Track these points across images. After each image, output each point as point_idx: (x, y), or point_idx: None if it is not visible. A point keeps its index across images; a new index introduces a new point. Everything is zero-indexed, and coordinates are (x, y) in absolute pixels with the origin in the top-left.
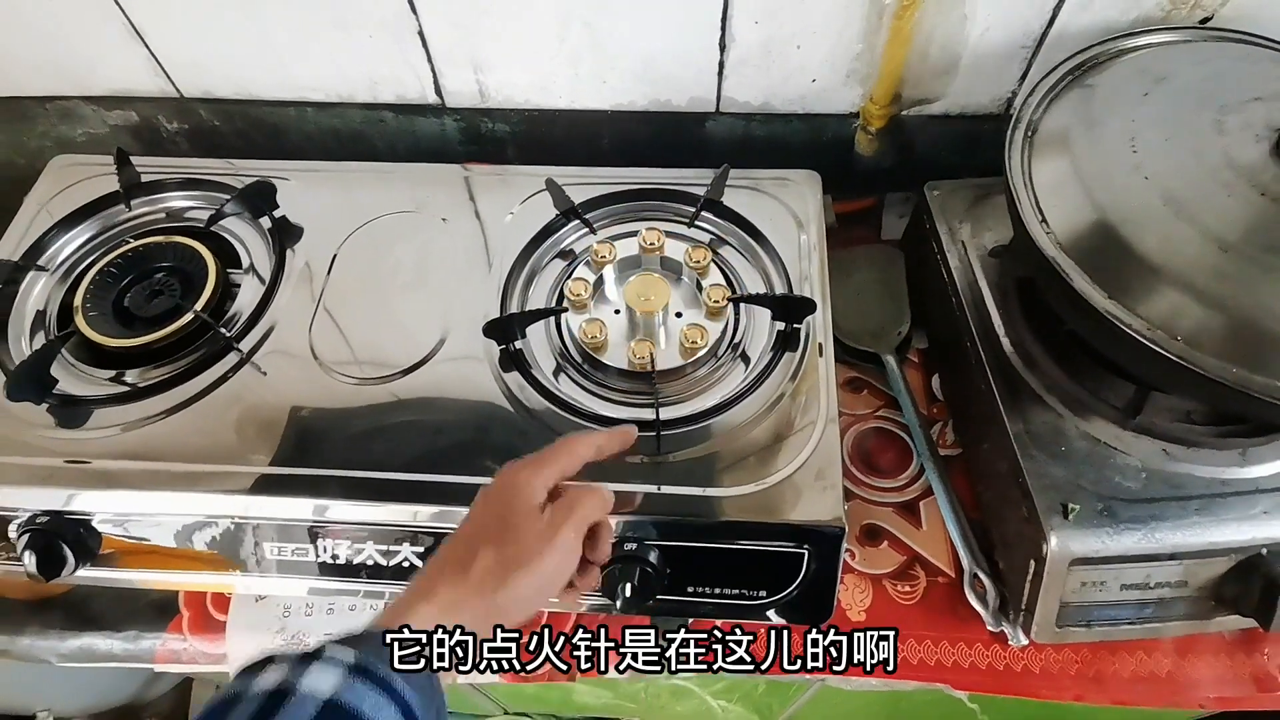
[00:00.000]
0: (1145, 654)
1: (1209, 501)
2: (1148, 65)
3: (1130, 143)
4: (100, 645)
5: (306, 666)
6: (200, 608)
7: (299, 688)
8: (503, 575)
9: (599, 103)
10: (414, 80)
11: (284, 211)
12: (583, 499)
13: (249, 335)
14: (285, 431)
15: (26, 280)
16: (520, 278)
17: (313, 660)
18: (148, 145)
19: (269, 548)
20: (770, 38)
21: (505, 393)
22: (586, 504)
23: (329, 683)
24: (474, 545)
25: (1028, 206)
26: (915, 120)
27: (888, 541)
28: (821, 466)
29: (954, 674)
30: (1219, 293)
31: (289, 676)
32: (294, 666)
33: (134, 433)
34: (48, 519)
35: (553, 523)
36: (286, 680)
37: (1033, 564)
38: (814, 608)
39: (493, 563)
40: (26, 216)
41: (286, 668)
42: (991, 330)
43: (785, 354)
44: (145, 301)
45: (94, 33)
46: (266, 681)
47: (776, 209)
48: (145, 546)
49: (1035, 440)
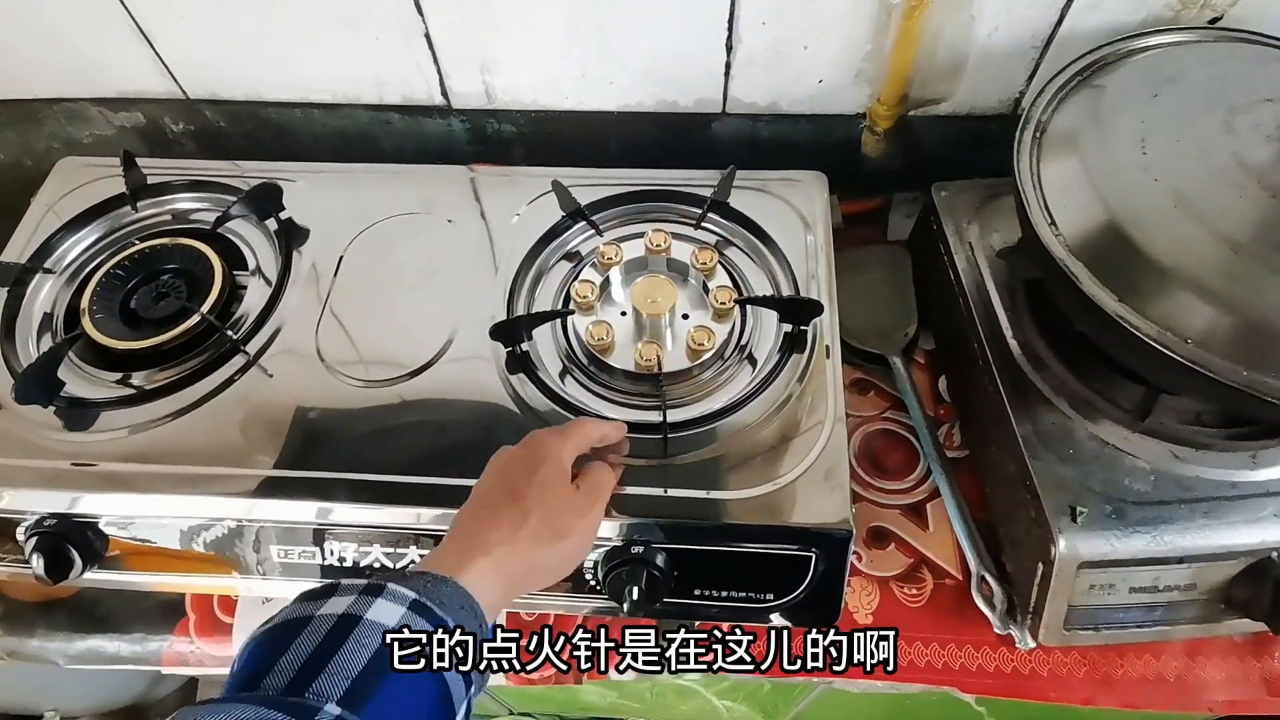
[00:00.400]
0: (1154, 657)
1: (1218, 504)
2: (1157, 66)
3: (1140, 143)
4: (107, 647)
5: (373, 599)
6: (207, 610)
7: (366, 617)
8: (549, 541)
9: (606, 104)
10: (421, 81)
11: (290, 213)
12: (606, 481)
13: (255, 337)
14: (291, 434)
15: (34, 282)
16: (527, 279)
17: (378, 594)
18: (154, 146)
19: (275, 550)
20: (777, 38)
21: (511, 395)
22: (608, 484)
23: (393, 615)
24: (521, 508)
25: (1036, 208)
26: (923, 121)
27: (895, 544)
28: (828, 468)
29: (961, 677)
30: (1229, 294)
31: (355, 605)
32: (360, 597)
33: (141, 435)
34: (55, 521)
35: (590, 500)
36: (354, 609)
37: (1040, 567)
38: (821, 611)
39: (539, 527)
40: (34, 218)
41: (353, 597)
42: (999, 332)
43: (792, 356)
44: (152, 304)
45: (101, 34)
46: (334, 607)
47: (783, 210)
48: (152, 549)
49: (1043, 442)
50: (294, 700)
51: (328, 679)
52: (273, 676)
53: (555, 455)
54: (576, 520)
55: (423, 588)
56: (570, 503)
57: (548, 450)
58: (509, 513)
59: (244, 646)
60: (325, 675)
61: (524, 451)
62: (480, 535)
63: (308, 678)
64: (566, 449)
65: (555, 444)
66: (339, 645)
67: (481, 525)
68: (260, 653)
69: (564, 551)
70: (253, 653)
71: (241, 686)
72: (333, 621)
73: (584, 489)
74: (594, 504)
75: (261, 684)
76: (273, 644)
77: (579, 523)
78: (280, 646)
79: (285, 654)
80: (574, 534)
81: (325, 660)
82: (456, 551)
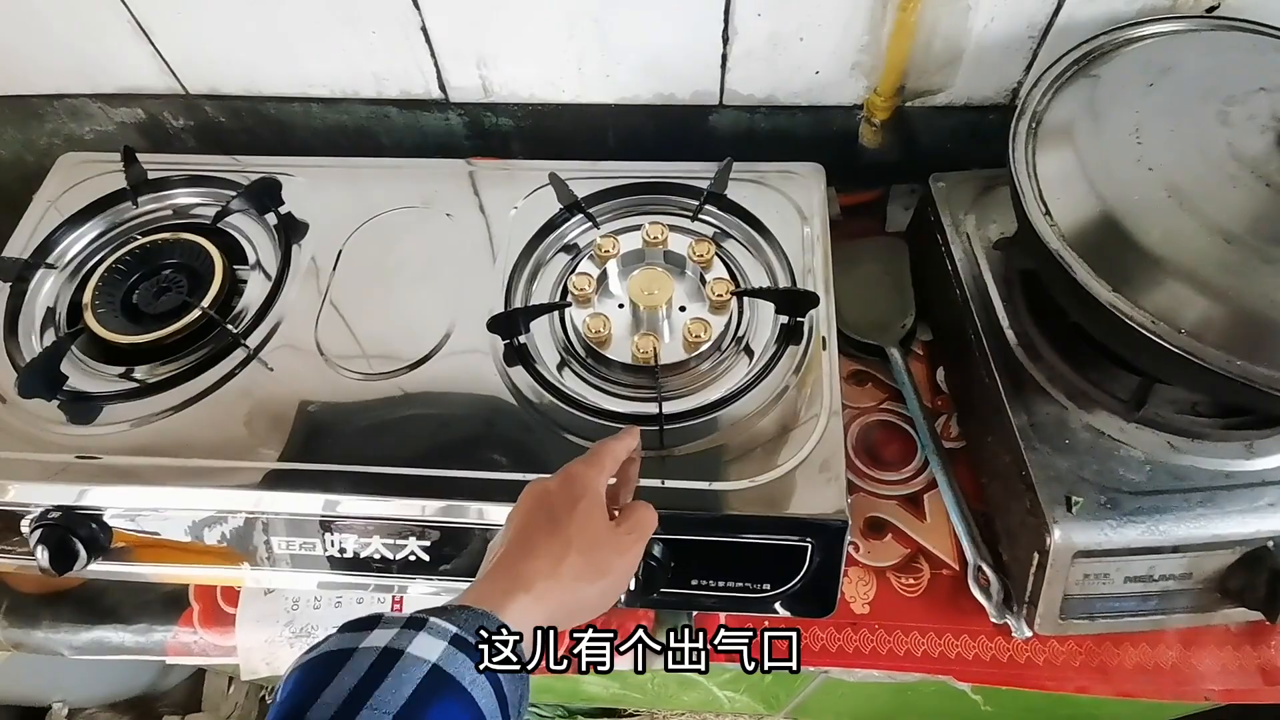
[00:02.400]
0: (1150, 646)
1: (1214, 494)
2: (1153, 55)
3: (1135, 134)
4: (112, 638)
5: (415, 632)
6: (210, 601)
7: (408, 651)
8: (590, 578)
9: (603, 97)
10: (418, 76)
11: (290, 207)
12: (649, 522)
13: (256, 331)
14: (293, 426)
15: (36, 278)
16: (525, 272)
17: (420, 628)
18: (155, 142)
19: (277, 542)
20: (774, 30)
21: (510, 387)
22: (649, 524)
23: (434, 650)
24: (562, 543)
25: (1031, 199)
26: (920, 112)
27: (892, 534)
28: (825, 460)
29: (958, 666)
30: (1223, 285)
31: (398, 639)
32: (402, 630)
33: (144, 428)
34: (59, 514)
35: (630, 540)
36: (396, 642)
37: (1036, 556)
38: (818, 600)
39: (581, 564)
40: (35, 214)
41: (395, 630)
42: (996, 322)
43: (789, 347)
44: (153, 298)
45: (101, 31)
46: (376, 640)
47: (780, 202)
48: (156, 541)
49: (1039, 433)
50: None
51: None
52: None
53: (593, 488)
54: (616, 558)
55: (464, 623)
56: (611, 540)
57: (585, 483)
58: (550, 547)
59: (287, 676)
60: (369, 709)
61: (561, 485)
62: (521, 570)
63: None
64: (602, 480)
65: (592, 476)
66: (382, 679)
67: (521, 559)
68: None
69: (604, 589)
70: (297, 683)
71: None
72: (375, 655)
73: (625, 527)
74: (635, 543)
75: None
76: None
77: (619, 560)
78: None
79: (329, 686)
80: (613, 571)
81: (368, 694)
82: (497, 586)
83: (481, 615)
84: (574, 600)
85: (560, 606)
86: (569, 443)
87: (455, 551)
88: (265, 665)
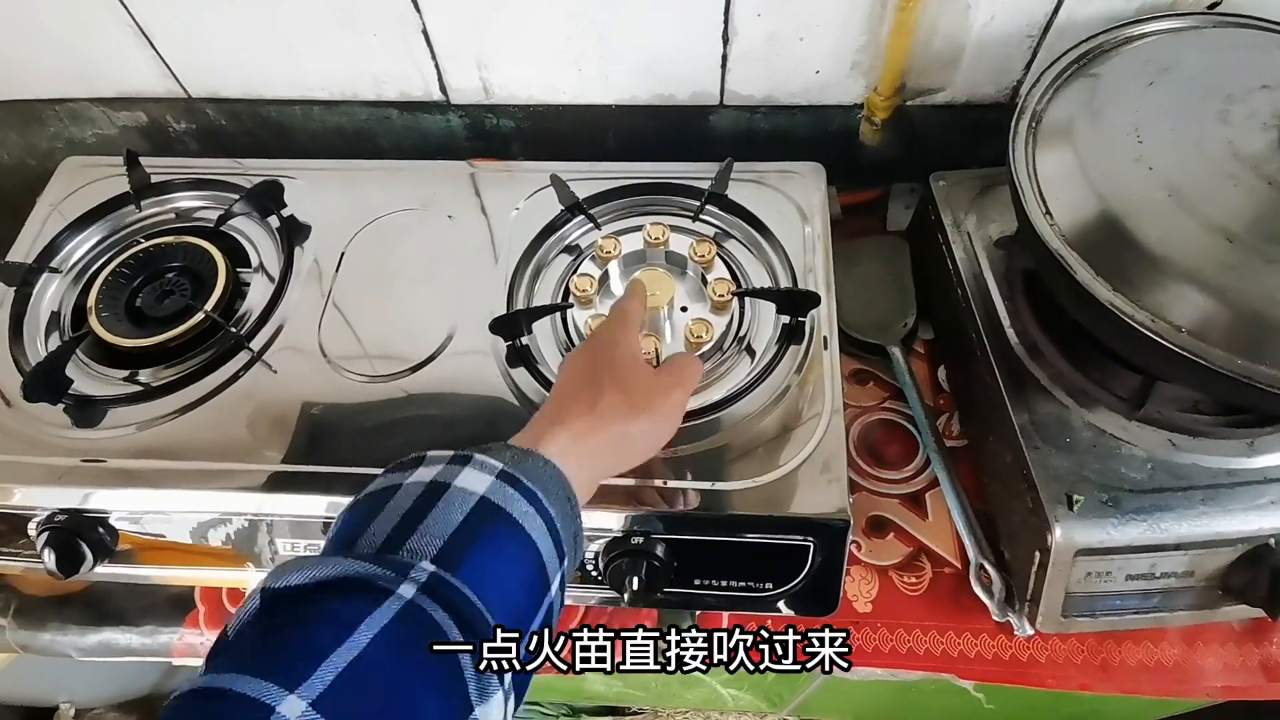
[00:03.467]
0: (1152, 643)
1: (1215, 492)
2: (1153, 53)
3: (1135, 133)
4: (119, 640)
5: (460, 467)
6: (216, 602)
7: (455, 484)
8: (629, 414)
9: (603, 98)
10: (418, 78)
11: (292, 210)
12: (690, 368)
13: (259, 334)
14: (296, 429)
15: (40, 282)
16: (526, 273)
17: (465, 464)
18: (157, 145)
19: (282, 543)
20: (773, 30)
21: (512, 388)
22: (693, 373)
23: (482, 484)
24: (597, 385)
25: (1031, 199)
26: (920, 110)
27: (894, 533)
28: (826, 459)
29: (960, 664)
30: (1224, 284)
31: (444, 474)
32: (448, 466)
33: (148, 431)
34: (66, 517)
35: (670, 381)
36: (442, 476)
37: (1038, 555)
38: (820, 599)
39: (619, 401)
40: (39, 219)
41: (440, 466)
42: (997, 321)
43: (790, 347)
44: (157, 301)
45: (102, 35)
46: (422, 475)
47: (781, 202)
48: (161, 543)
49: (1040, 431)
50: (389, 557)
51: (420, 539)
52: (364, 541)
53: (625, 340)
54: (658, 395)
55: (509, 459)
56: (651, 380)
57: (616, 336)
58: (585, 391)
59: (338, 517)
60: (417, 536)
61: (591, 343)
62: (556, 413)
63: (399, 540)
64: (633, 333)
65: (621, 331)
66: (429, 509)
67: (557, 406)
68: (352, 520)
69: (646, 427)
70: (345, 521)
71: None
72: (421, 488)
73: (665, 370)
74: (676, 384)
75: (355, 547)
76: (364, 512)
77: (661, 398)
78: (371, 513)
79: (376, 519)
80: (655, 409)
81: (416, 523)
82: (536, 430)
83: (526, 453)
84: (615, 438)
85: (600, 445)
86: None
87: None
88: None
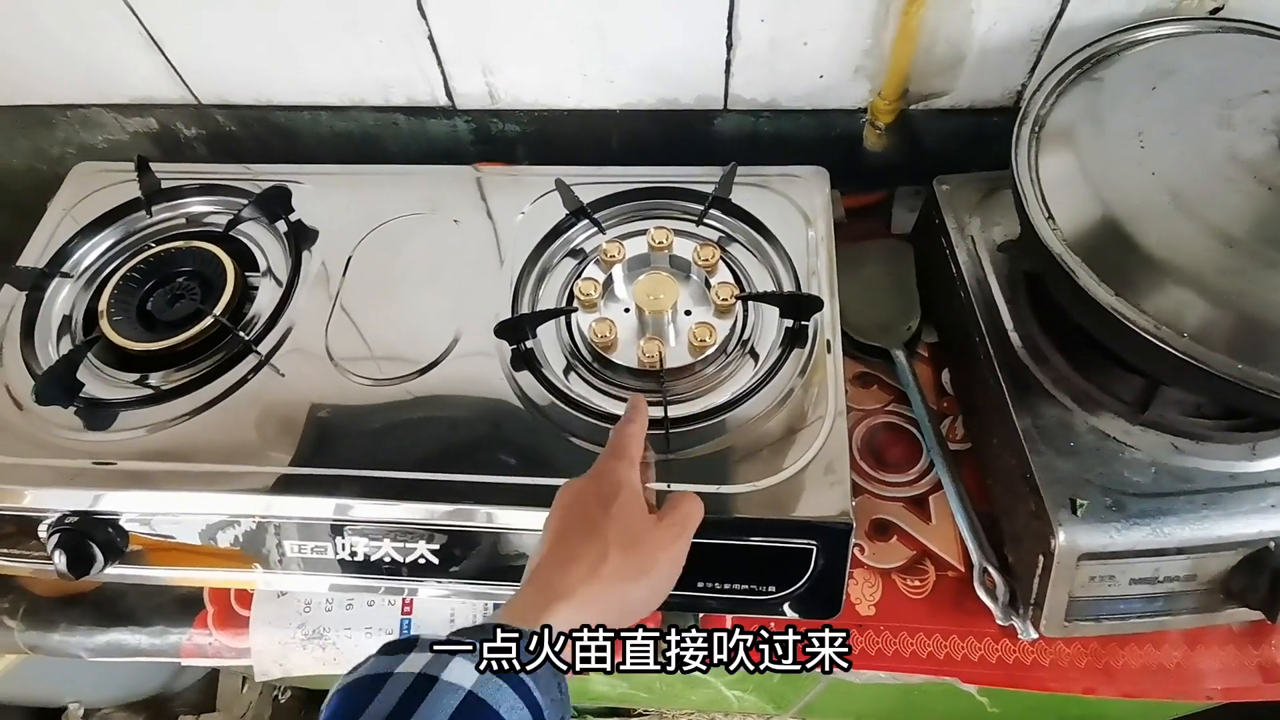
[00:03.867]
0: (1154, 646)
1: (1218, 495)
2: (1156, 58)
3: (1137, 138)
4: (128, 640)
5: (450, 658)
6: (224, 603)
7: (442, 678)
8: (633, 578)
9: (607, 102)
10: (424, 83)
11: (299, 215)
12: (693, 514)
13: (267, 337)
14: (303, 431)
15: (52, 286)
16: (531, 277)
17: (455, 653)
18: (167, 151)
19: (289, 545)
20: (777, 35)
21: (517, 392)
22: (695, 518)
23: (471, 677)
24: (601, 543)
25: (1034, 203)
26: (923, 114)
27: (897, 536)
28: (829, 462)
29: (963, 667)
30: (1225, 288)
31: (432, 665)
32: (437, 655)
33: (158, 434)
34: (77, 519)
35: (673, 533)
36: (430, 668)
37: (1041, 559)
38: (823, 602)
39: (622, 566)
40: (51, 223)
41: (429, 656)
42: (1000, 325)
43: (794, 350)
44: (167, 305)
45: (112, 42)
46: (411, 665)
47: (784, 206)
48: (171, 545)
49: (1044, 435)
50: None
51: None
52: None
53: (626, 482)
54: (660, 552)
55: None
56: (653, 535)
57: (617, 478)
58: (588, 550)
59: (329, 698)
60: None
61: (593, 483)
62: (560, 578)
63: None
64: (634, 471)
65: (623, 469)
66: (416, 706)
67: (560, 566)
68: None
69: (650, 586)
70: (336, 708)
71: None
72: (410, 680)
73: (667, 520)
74: (678, 537)
75: None
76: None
77: (663, 555)
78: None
79: (365, 713)
80: (658, 567)
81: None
82: (537, 599)
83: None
84: (618, 602)
85: (604, 612)
86: (575, 446)
87: (464, 554)
88: (278, 666)
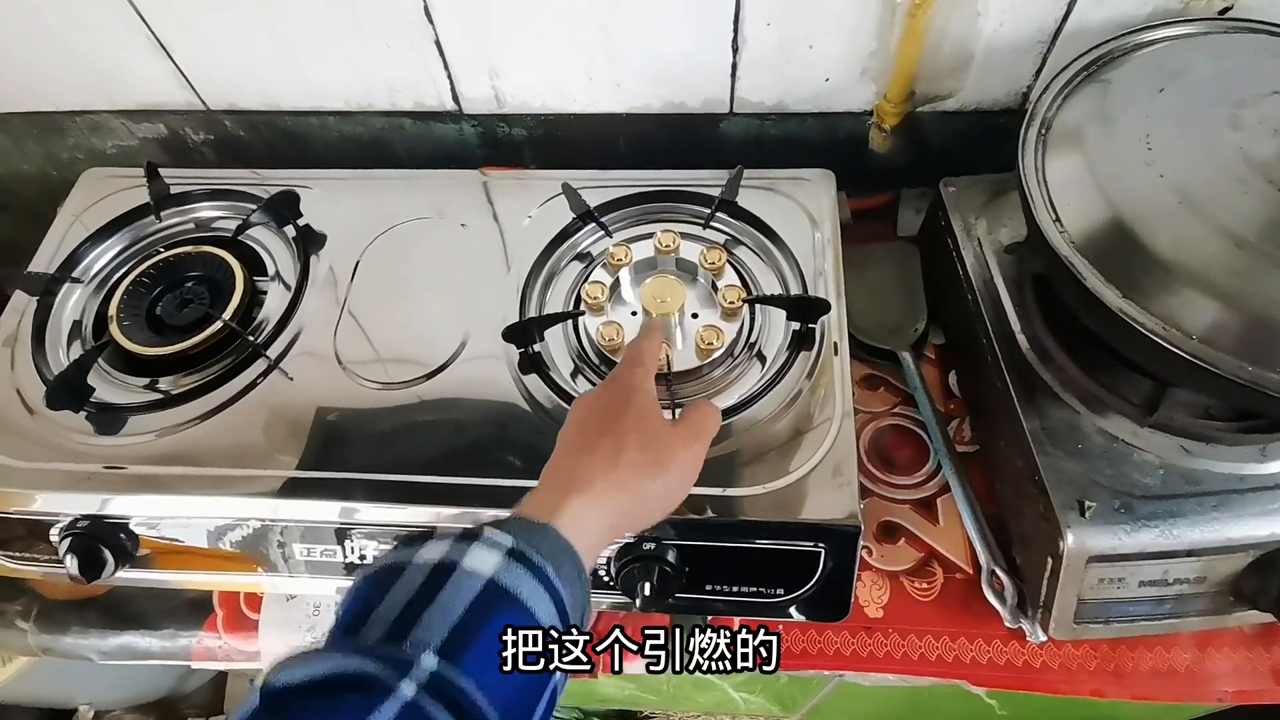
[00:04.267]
0: (1164, 649)
1: (1227, 497)
2: (1164, 59)
3: (1145, 139)
4: (139, 643)
5: (468, 545)
6: (234, 607)
7: (461, 565)
8: (650, 471)
9: (613, 106)
10: (431, 87)
11: (308, 219)
12: (709, 419)
13: (276, 342)
14: (312, 435)
15: (62, 291)
16: (539, 280)
17: (473, 540)
18: (175, 156)
19: (298, 549)
20: (783, 38)
21: (525, 395)
22: (712, 424)
23: (490, 563)
24: (616, 439)
25: (1041, 205)
26: (930, 116)
27: (905, 538)
28: (837, 464)
29: (972, 670)
30: (1234, 290)
31: (451, 553)
32: (455, 544)
33: (168, 438)
34: (88, 523)
35: (690, 434)
36: (449, 556)
37: (1050, 561)
38: (831, 605)
39: (639, 459)
40: (60, 229)
41: (449, 544)
42: (1007, 327)
43: (801, 353)
44: (176, 310)
45: (121, 47)
46: (429, 554)
47: (791, 208)
48: (181, 548)
49: (1051, 437)
50: (390, 650)
51: (424, 630)
52: (368, 628)
53: (642, 387)
54: (678, 450)
55: (520, 533)
56: (670, 434)
57: (633, 383)
58: (605, 444)
59: (346, 593)
60: (421, 627)
61: (609, 389)
62: (576, 471)
63: (404, 628)
64: (649, 379)
65: (639, 376)
66: (435, 594)
67: (576, 460)
68: (359, 600)
69: (668, 483)
70: (352, 600)
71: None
72: (428, 570)
73: (684, 424)
74: (696, 439)
75: (360, 632)
76: (370, 591)
77: (683, 451)
78: (377, 594)
79: (382, 603)
80: (676, 464)
81: (421, 610)
82: (552, 490)
83: (538, 526)
84: (635, 498)
85: (619, 506)
86: None
87: None
88: None
